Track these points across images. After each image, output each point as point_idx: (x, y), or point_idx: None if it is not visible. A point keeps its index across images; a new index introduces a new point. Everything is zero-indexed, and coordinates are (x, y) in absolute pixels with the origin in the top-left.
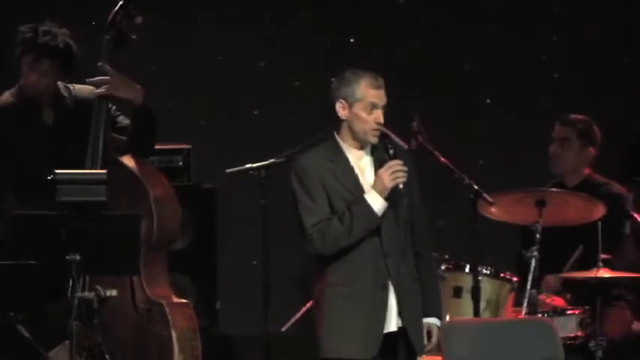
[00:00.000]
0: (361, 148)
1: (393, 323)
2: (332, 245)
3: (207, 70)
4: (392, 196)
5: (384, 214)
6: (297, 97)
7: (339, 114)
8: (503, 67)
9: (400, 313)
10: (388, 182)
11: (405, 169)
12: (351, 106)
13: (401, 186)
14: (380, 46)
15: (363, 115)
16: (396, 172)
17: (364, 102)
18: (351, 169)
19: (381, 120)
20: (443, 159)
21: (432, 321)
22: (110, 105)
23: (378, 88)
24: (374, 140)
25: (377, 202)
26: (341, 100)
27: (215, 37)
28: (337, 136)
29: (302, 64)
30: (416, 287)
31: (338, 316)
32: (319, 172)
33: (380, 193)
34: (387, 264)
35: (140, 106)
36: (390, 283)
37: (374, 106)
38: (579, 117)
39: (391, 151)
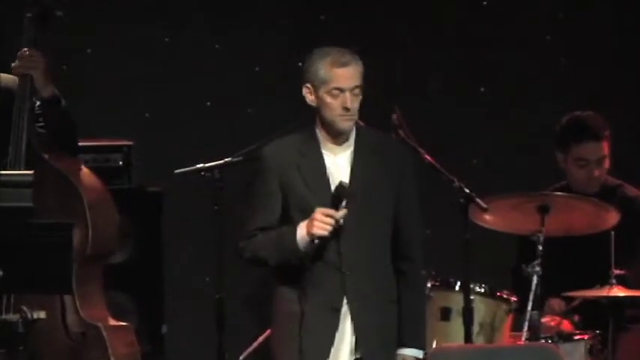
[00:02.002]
0: (338, 138)
1: (345, 353)
2: (250, 258)
3: (151, 52)
4: (362, 202)
5: (349, 223)
6: (257, 85)
7: (307, 100)
8: (500, 49)
9: (357, 342)
10: (310, 228)
11: (329, 228)
12: (316, 89)
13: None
14: (356, 26)
15: (328, 99)
16: (322, 223)
17: (328, 84)
18: (321, 165)
19: (348, 104)
20: (428, 157)
21: (409, 352)
22: (35, 100)
23: (343, 65)
24: (345, 126)
25: (302, 239)
26: (307, 84)
27: (162, 13)
28: (315, 126)
29: (264, 45)
30: (389, 311)
31: (284, 337)
32: (281, 166)
33: (307, 231)
34: (345, 282)
35: (49, 96)
36: (346, 305)
37: (339, 90)
38: (600, 121)
39: (339, 200)
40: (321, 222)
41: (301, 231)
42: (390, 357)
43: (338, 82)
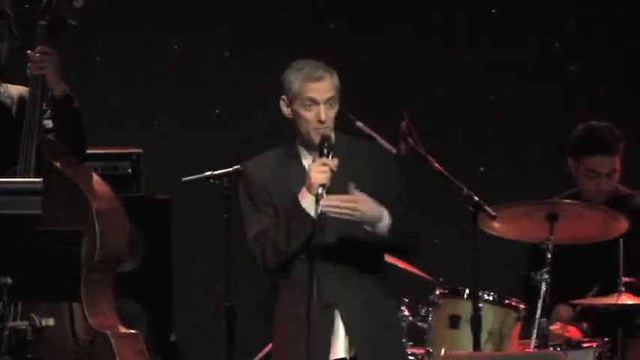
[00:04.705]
0: (316, 147)
1: (340, 349)
2: (273, 258)
3: (161, 60)
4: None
5: (332, 222)
6: (267, 93)
7: (283, 111)
8: (509, 56)
9: (349, 338)
10: (314, 178)
11: (327, 175)
12: (291, 102)
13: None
14: (365, 34)
15: (302, 112)
16: (319, 172)
17: (302, 97)
18: (303, 173)
19: (322, 116)
20: (437, 165)
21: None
22: (45, 108)
23: (316, 80)
24: (319, 138)
25: (309, 202)
26: (283, 96)
27: (171, 21)
28: (295, 137)
29: (273, 54)
30: (383, 307)
31: (286, 340)
32: (265, 178)
33: (308, 190)
34: (333, 279)
35: (62, 95)
36: (337, 302)
37: (312, 101)
38: (615, 135)
39: (325, 150)
40: (318, 172)
41: (302, 196)
42: (385, 354)
43: (312, 94)
